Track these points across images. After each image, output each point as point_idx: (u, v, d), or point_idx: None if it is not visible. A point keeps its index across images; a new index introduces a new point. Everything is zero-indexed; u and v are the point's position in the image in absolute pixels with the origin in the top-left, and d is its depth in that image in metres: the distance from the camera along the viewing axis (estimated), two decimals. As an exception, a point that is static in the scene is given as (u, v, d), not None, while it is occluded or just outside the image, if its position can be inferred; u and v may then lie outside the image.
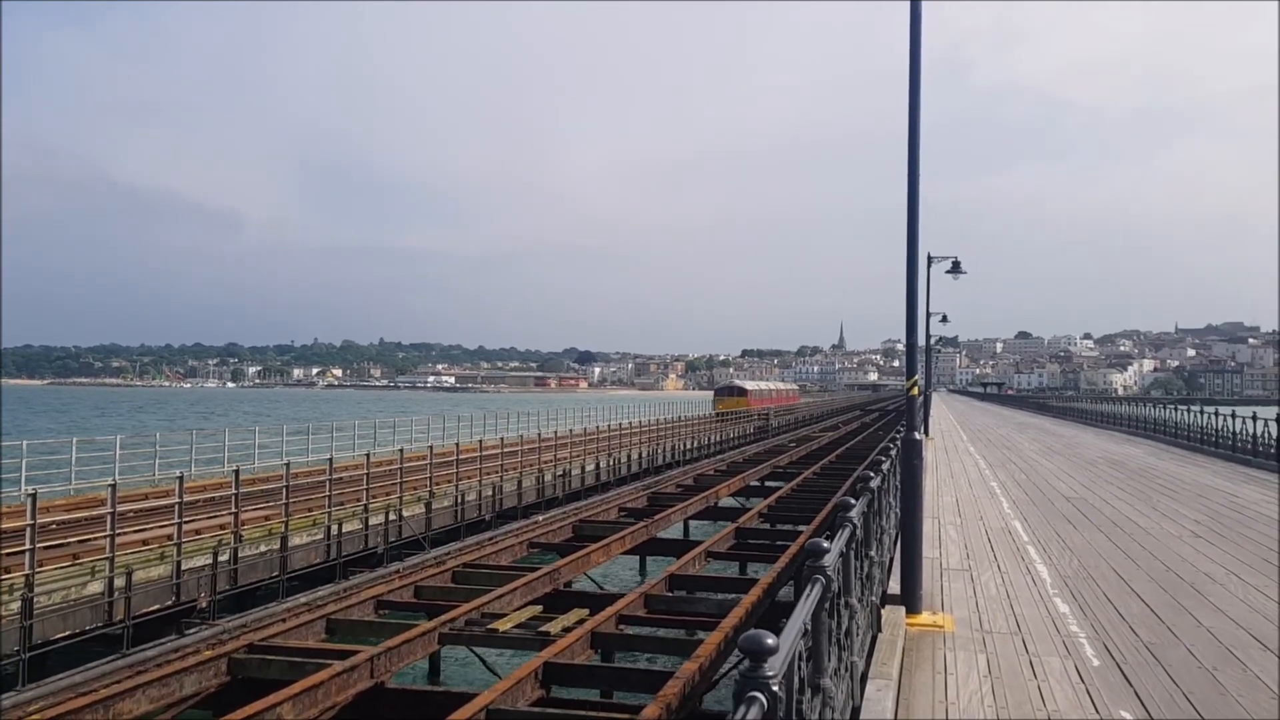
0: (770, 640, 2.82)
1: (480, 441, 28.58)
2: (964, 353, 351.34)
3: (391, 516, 20.44)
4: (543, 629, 13.46)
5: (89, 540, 15.65)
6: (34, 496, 13.17)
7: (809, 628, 3.76)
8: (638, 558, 24.28)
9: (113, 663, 11.82)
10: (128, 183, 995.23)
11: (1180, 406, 41.43)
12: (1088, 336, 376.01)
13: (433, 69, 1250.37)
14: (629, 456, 36.86)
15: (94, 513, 18.16)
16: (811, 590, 4.14)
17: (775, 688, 2.78)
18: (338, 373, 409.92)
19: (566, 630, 13.26)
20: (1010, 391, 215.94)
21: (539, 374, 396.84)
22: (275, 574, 16.84)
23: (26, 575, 12.46)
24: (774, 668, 2.81)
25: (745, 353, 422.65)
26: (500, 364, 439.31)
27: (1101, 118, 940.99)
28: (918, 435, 9.34)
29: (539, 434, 32.75)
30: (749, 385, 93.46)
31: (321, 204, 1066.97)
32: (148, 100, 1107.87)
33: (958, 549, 12.94)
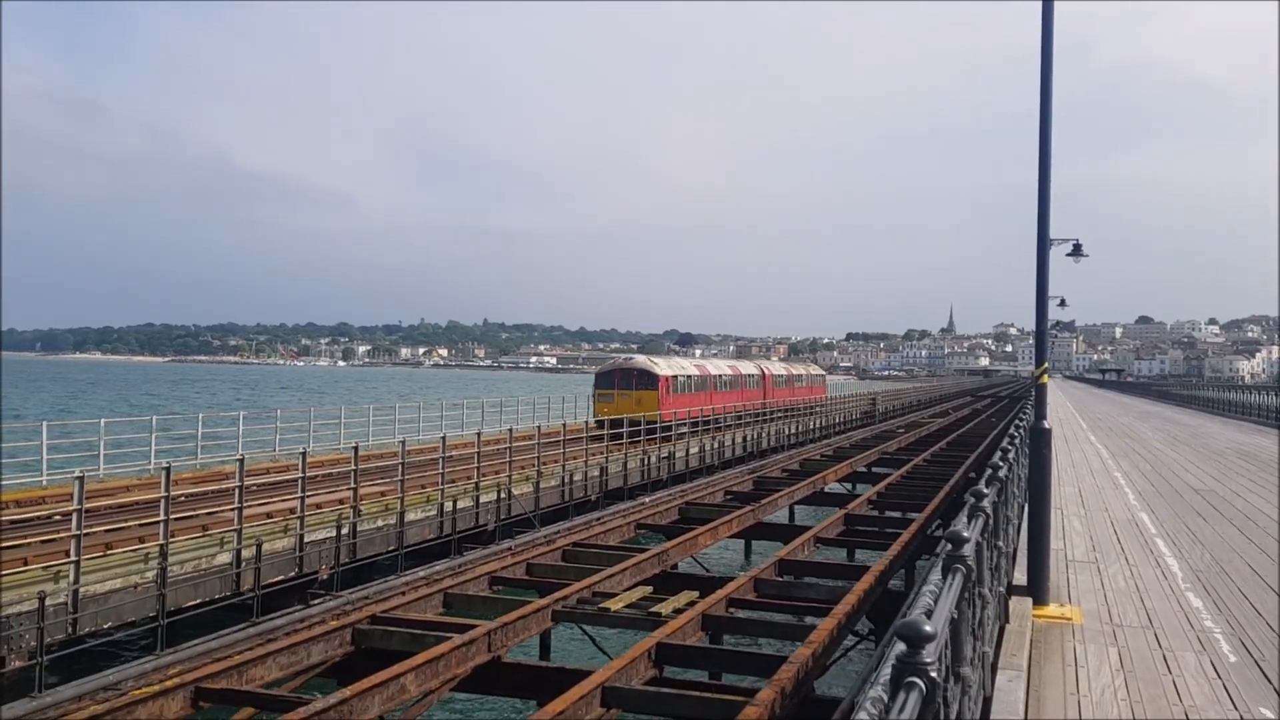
0: (928, 627, 2.78)
1: (586, 422, 28.85)
2: (1080, 337, 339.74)
3: (501, 495, 20.80)
4: (653, 610, 13.53)
5: (215, 513, 16.31)
6: (168, 470, 13.75)
7: (955, 617, 3.69)
8: (743, 541, 24.25)
9: (243, 631, 12.30)
10: (247, 166, 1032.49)
11: (1315, 396, 39.44)
12: (1213, 322, 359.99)
13: (528, 50, 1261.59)
14: (733, 440, 36.80)
15: (219, 486, 18.94)
16: (953, 580, 4.06)
17: (934, 674, 2.74)
18: (443, 352, 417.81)
19: (677, 612, 13.31)
20: (1129, 378, 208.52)
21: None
22: (392, 548, 17.31)
23: (161, 545, 13.03)
24: (931, 654, 2.77)
25: (850, 336, 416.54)
26: (601, 345, 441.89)
27: (1230, 94, 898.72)
28: (1046, 424, 9.09)
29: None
30: (663, 367, 41.60)
31: (427, 186, 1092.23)
32: (266, 87, 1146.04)
33: (1083, 540, 12.59)
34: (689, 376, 43.05)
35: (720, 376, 47.20)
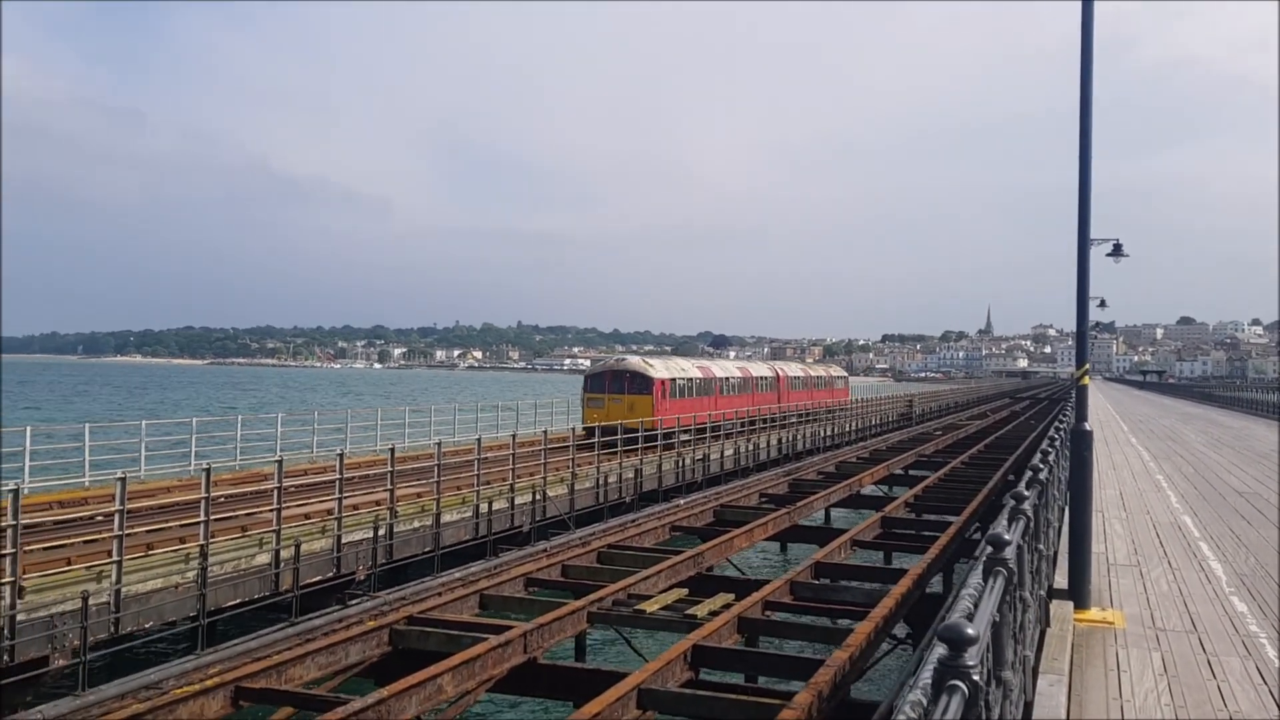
0: (971, 630, 2.75)
1: (619, 425, 28.82)
2: (1121, 339, 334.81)
3: (536, 496, 20.85)
4: (689, 612, 13.50)
5: (255, 514, 16.47)
6: (208, 471, 13.92)
7: (998, 620, 3.65)
8: (779, 544, 24.16)
9: (282, 631, 12.41)
10: (284, 171, 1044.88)
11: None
12: (1256, 322, 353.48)
13: (561, 53, 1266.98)
14: (768, 442, 36.66)
15: (258, 487, 19.11)
16: (994, 582, 4.01)
17: (976, 677, 2.70)
18: (478, 355, 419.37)
19: (713, 614, 13.27)
20: (1171, 380, 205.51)
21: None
22: (429, 549, 17.40)
23: (201, 545, 13.18)
24: (974, 658, 2.73)
25: (886, 337, 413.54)
26: (635, 347, 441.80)
27: (1273, 91, 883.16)
28: (1087, 426, 8.97)
29: (677, 420, 32.82)
30: (659, 369, 37.61)
31: (461, 189, 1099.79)
32: (302, 92, 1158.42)
33: (1124, 544, 12.42)
34: (689, 379, 38.97)
35: (727, 379, 42.87)
